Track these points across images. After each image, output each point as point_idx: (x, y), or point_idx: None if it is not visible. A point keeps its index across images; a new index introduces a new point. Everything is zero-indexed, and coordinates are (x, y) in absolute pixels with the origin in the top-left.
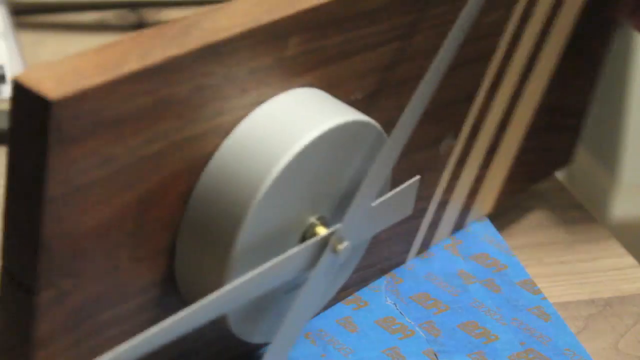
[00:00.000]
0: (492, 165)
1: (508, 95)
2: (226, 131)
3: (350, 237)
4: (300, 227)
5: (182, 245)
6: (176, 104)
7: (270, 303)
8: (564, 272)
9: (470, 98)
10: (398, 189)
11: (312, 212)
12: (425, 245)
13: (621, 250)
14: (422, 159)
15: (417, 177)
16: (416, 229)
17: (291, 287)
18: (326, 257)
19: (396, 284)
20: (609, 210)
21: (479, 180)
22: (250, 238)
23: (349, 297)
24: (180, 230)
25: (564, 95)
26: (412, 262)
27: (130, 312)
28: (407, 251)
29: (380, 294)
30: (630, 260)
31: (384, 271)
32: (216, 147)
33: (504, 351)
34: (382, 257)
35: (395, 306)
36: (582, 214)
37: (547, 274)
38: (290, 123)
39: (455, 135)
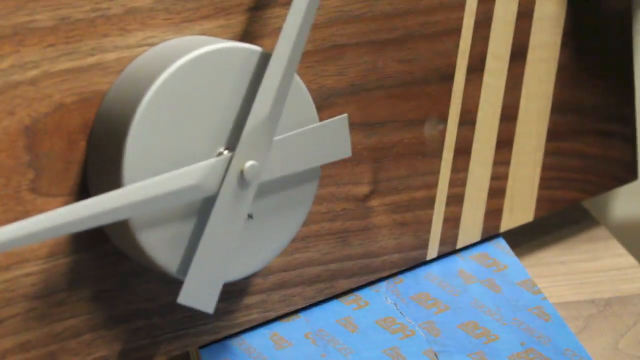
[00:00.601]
0: (513, 164)
1: (498, 82)
2: (116, 70)
3: (256, 158)
4: (209, 156)
5: (90, 178)
6: (40, 32)
7: (187, 234)
8: (564, 272)
9: (446, 78)
10: (314, 125)
11: (219, 142)
12: (449, 244)
13: (621, 250)
14: (404, 139)
15: (344, 115)
16: (427, 222)
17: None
18: (231, 176)
19: (396, 284)
20: (609, 210)
21: (499, 178)
22: (140, 155)
23: (350, 297)
24: (88, 166)
25: (594, 96)
26: (424, 260)
27: (49, 250)
28: (424, 247)
29: (380, 294)
30: (630, 260)
31: (396, 266)
32: (109, 85)
33: (504, 351)
34: (386, 247)
35: (396, 306)
36: (582, 214)
37: (547, 274)
38: (172, 54)
39: (441, 119)
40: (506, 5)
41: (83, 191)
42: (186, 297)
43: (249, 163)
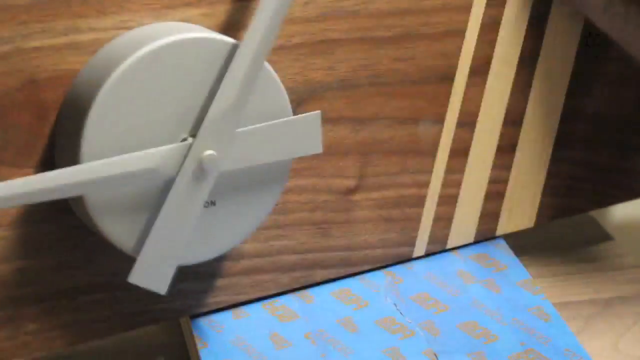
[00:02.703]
0: (515, 169)
1: (503, 86)
2: (90, 51)
3: (216, 150)
4: (172, 142)
5: (55, 153)
6: (14, 9)
7: (144, 213)
8: (564, 272)
9: (445, 79)
10: (283, 120)
11: (183, 128)
12: (438, 244)
13: (621, 250)
14: (396, 137)
15: (318, 111)
16: (416, 220)
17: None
18: (189, 162)
19: (396, 284)
20: (609, 210)
21: (498, 182)
22: (101, 133)
23: (349, 298)
24: (54, 141)
25: (609, 105)
26: (412, 262)
27: (12, 219)
28: (410, 244)
29: (380, 294)
30: (630, 260)
31: (378, 260)
32: (82, 65)
33: (504, 351)
34: (369, 242)
35: (395, 306)
36: (582, 214)
37: (547, 274)
38: (145, 40)
39: (437, 121)
40: (517, 11)
41: (49, 164)
42: (137, 277)
43: (208, 152)
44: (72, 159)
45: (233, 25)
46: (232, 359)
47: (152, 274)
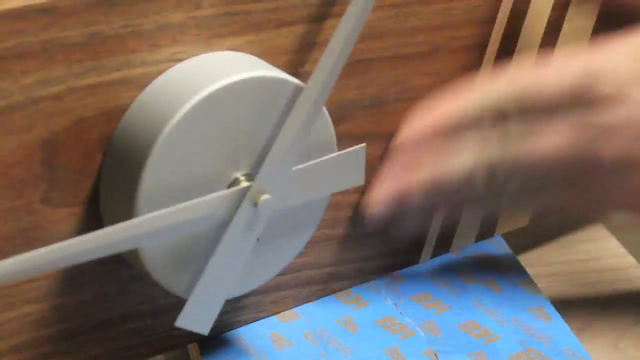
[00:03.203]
0: None
1: None
2: (140, 85)
3: (272, 192)
4: (224, 182)
5: (102, 193)
6: (69, 48)
7: (194, 256)
8: (564, 272)
9: None
10: (333, 155)
11: (235, 168)
12: (443, 248)
13: (621, 250)
14: None
15: (363, 145)
16: (425, 226)
17: (215, 243)
18: (245, 207)
19: (396, 284)
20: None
21: None
22: (157, 180)
23: (349, 297)
24: (101, 179)
25: None
26: (416, 264)
27: None
28: (417, 251)
29: (380, 294)
30: (630, 260)
31: (387, 268)
32: (132, 99)
33: (504, 351)
34: (380, 252)
35: (396, 306)
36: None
37: (547, 274)
38: (201, 76)
39: None
40: (535, 20)
41: (93, 200)
42: (185, 321)
43: (265, 197)
44: (125, 205)
45: (278, 51)
46: (232, 358)
47: (199, 316)
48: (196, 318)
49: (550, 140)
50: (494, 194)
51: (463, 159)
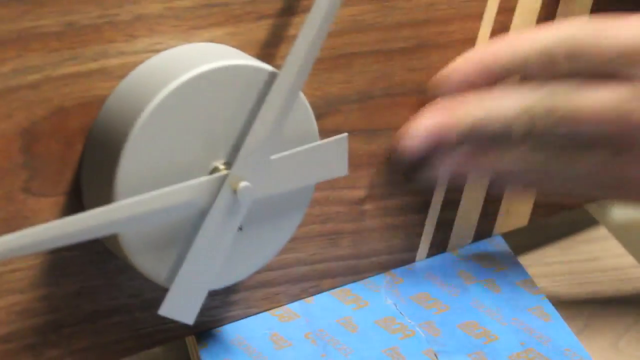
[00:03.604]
0: None
1: None
2: (119, 75)
3: (250, 179)
4: (204, 170)
5: (83, 182)
6: (45, 37)
7: (176, 244)
8: (564, 272)
9: None
10: (314, 144)
11: (214, 156)
12: (439, 247)
13: (621, 250)
14: None
15: (345, 134)
16: (419, 225)
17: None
18: (224, 194)
19: (396, 284)
20: (609, 210)
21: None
22: (135, 167)
23: (349, 297)
24: (82, 168)
25: None
26: (412, 262)
27: None
28: (413, 249)
29: (380, 294)
30: (630, 260)
31: (382, 266)
32: (111, 90)
33: (504, 351)
34: (375, 249)
35: (395, 306)
36: (582, 214)
37: (547, 274)
38: (178, 65)
39: None
40: (525, 16)
41: (75, 190)
42: (168, 309)
43: (243, 184)
44: (105, 193)
45: (257, 44)
46: (232, 359)
47: (182, 305)
48: (179, 307)
49: (601, 96)
50: (532, 147)
51: (507, 104)
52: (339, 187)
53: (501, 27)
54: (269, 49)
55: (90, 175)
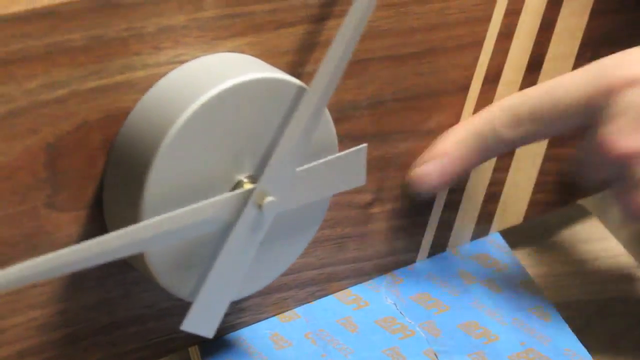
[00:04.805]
0: (511, 170)
1: (511, 92)
2: (143, 87)
3: (276, 194)
4: (228, 184)
5: (106, 197)
6: (72, 51)
7: (199, 259)
8: (564, 272)
9: (461, 90)
10: (335, 156)
11: (239, 170)
12: (439, 247)
13: (621, 250)
14: (411, 149)
15: (364, 145)
16: (422, 226)
17: (220, 246)
18: (249, 210)
19: (396, 284)
20: (609, 210)
21: (495, 184)
22: (162, 184)
23: (349, 298)
24: (105, 183)
25: None
26: (413, 262)
27: None
28: (415, 250)
29: (380, 294)
30: (630, 260)
31: (385, 268)
32: (135, 102)
33: (504, 351)
34: (379, 251)
35: (396, 306)
36: (582, 213)
37: (547, 274)
38: (204, 78)
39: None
40: (530, 17)
41: (97, 203)
42: (190, 324)
43: (269, 199)
44: (130, 210)
45: (278, 52)
46: (232, 359)
47: (204, 319)
48: (201, 321)
49: None
50: None
51: None
52: (348, 192)
53: (507, 30)
54: (289, 57)
55: (113, 190)
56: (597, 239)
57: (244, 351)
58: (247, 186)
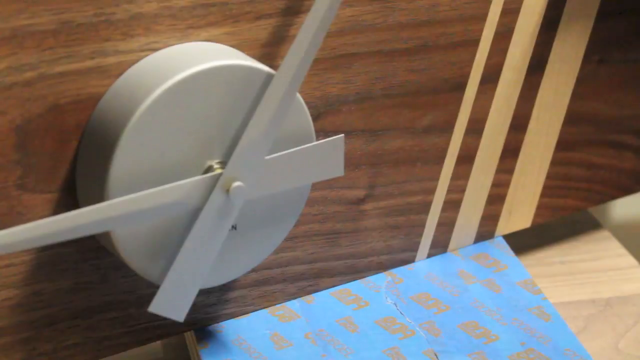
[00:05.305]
0: (516, 172)
1: (512, 92)
2: (115, 74)
3: (244, 179)
4: (199, 169)
5: (78, 179)
6: (40, 35)
7: (168, 243)
8: (564, 272)
9: (457, 88)
10: (309, 145)
11: (210, 155)
12: (440, 247)
13: (621, 250)
14: (406, 146)
15: (341, 135)
16: (420, 226)
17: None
18: (216, 194)
19: (396, 284)
20: (609, 210)
21: (500, 186)
22: (129, 164)
23: (349, 297)
24: (77, 166)
25: (610, 108)
26: (412, 262)
27: None
28: (414, 249)
29: (381, 294)
30: (630, 260)
31: (383, 266)
32: (107, 88)
33: (504, 351)
34: (374, 249)
35: (396, 306)
36: (582, 214)
37: (547, 274)
38: (174, 65)
39: (446, 129)
40: (530, 17)
41: (69, 187)
42: (158, 306)
43: (236, 184)
44: (98, 191)
45: (255, 44)
46: (232, 359)
47: (172, 302)
48: (170, 304)
49: None
50: None
51: None
52: (338, 187)
53: (505, 29)
54: (267, 48)
55: (84, 173)
56: (597, 239)
57: (244, 351)
58: (218, 172)
